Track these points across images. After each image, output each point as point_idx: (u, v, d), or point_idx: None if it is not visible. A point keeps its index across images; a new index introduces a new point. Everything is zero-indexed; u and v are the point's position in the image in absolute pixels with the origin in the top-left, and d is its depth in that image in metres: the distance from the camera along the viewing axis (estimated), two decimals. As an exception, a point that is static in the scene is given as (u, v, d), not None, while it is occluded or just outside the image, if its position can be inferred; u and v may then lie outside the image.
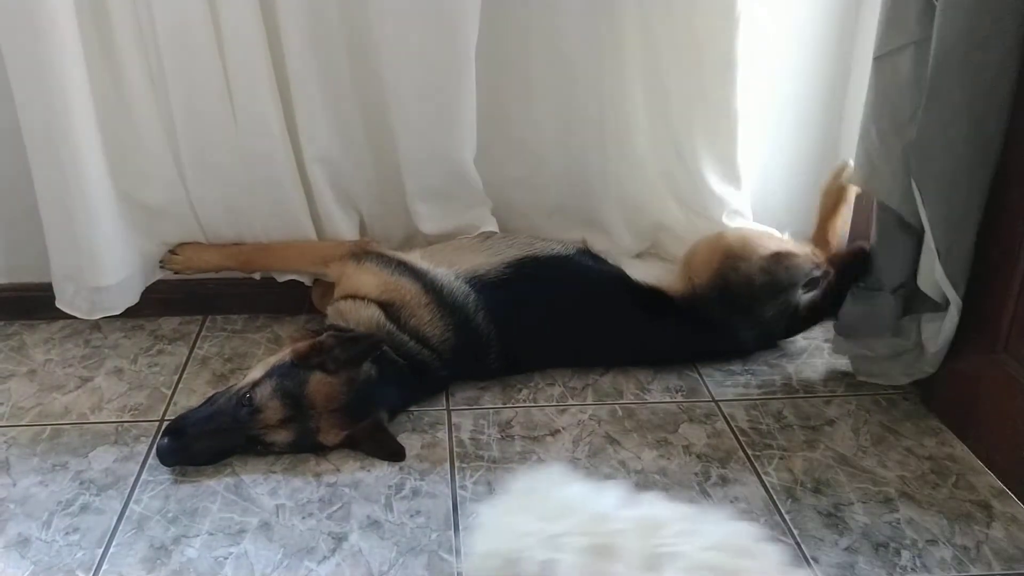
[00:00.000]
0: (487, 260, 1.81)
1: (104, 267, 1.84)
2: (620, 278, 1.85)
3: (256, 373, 1.59)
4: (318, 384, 1.56)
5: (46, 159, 1.72)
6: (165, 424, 1.60)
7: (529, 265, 1.82)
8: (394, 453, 1.58)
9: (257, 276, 1.99)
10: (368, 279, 1.76)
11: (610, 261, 1.89)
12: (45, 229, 1.82)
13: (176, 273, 1.97)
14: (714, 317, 1.81)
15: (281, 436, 1.55)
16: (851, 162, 1.76)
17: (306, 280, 1.98)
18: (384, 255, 1.81)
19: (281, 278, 1.97)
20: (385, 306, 1.71)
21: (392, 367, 1.64)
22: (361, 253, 1.82)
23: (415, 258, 1.81)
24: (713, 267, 1.81)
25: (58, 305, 1.90)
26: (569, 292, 1.82)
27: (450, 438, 1.65)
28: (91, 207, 1.76)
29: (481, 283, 1.77)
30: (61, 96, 1.65)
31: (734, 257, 1.81)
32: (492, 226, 1.93)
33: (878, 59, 1.60)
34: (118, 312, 1.92)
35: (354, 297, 1.73)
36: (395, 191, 1.91)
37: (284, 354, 1.61)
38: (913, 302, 1.70)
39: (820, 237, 1.93)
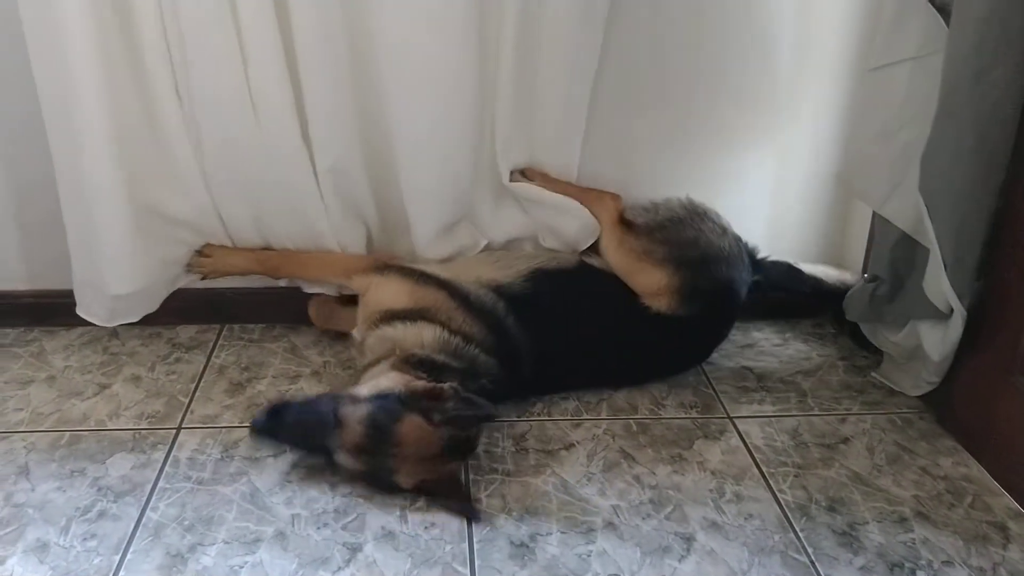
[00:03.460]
0: (503, 273, 1.83)
1: (123, 275, 1.85)
2: (625, 290, 1.85)
3: (363, 390, 1.55)
4: (412, 427, 1.48)
5: (70, 167, 1.75)
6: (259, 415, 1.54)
7: (541, 277, 1.83)
8: (464, 510, 1.49)
9: (283, 283, 2.00)
10: (395, 288, 1.77)
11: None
12: (68, 236, 1.83)
13: (203, 278, 1.97)
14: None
15: (351, 462, 1.50)
16: None
17: (329, 291, 1.99)
18: (406, 267, 1.84)
19: (308, 288, 1.99)
20: (420, 313, 1.71)
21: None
22: (383, 267, 1.84)
23: (437, 270, 1.83)
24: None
25: (78, 312, 1.92)
26: (586, 302, 1.83)
27: (465, 450, 1.65)
28: (113, 215, 1.78)
29: (507, 294, 1.78)
30: (87, 106, 1.67)
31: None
32: (482, 244, 1.98)
33: (872, 71, 1.65)
34: (136, 319, 1.94)
35: (403, 319, 1.70)
36: (398, 212, 1.92)
37: (397, 382, 1.55)
38: (916, 308, 1.70)
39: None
